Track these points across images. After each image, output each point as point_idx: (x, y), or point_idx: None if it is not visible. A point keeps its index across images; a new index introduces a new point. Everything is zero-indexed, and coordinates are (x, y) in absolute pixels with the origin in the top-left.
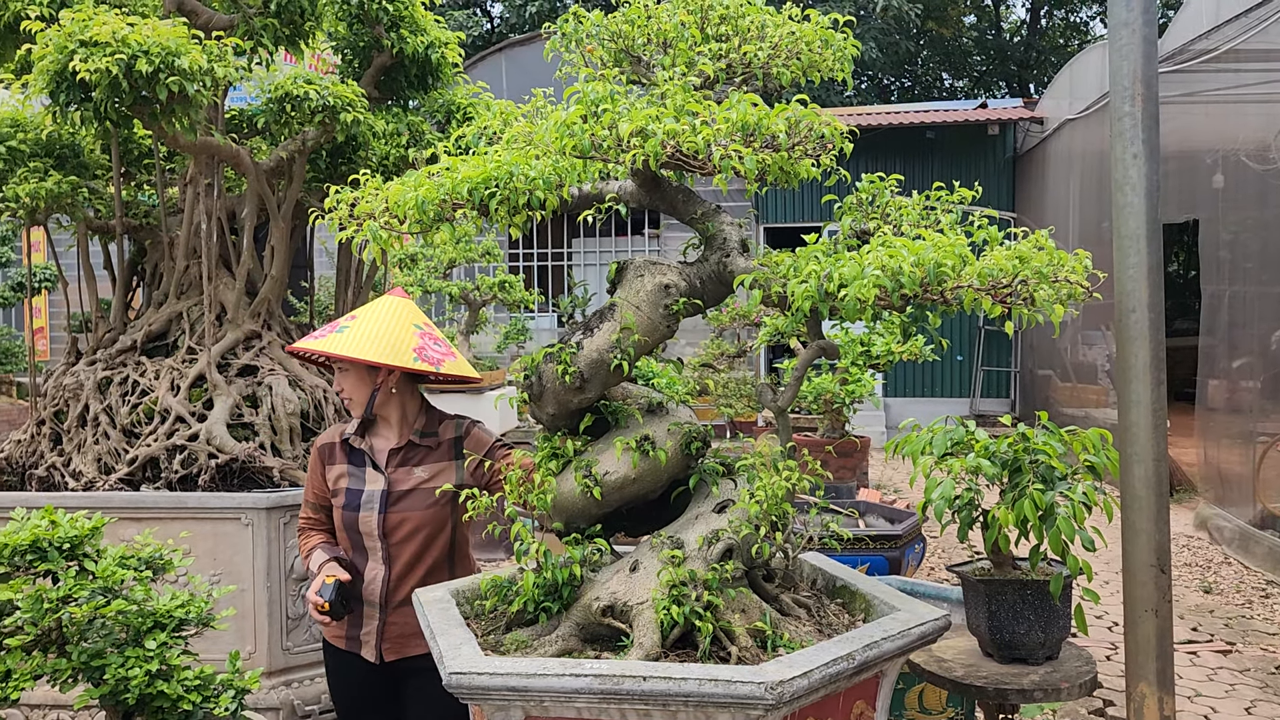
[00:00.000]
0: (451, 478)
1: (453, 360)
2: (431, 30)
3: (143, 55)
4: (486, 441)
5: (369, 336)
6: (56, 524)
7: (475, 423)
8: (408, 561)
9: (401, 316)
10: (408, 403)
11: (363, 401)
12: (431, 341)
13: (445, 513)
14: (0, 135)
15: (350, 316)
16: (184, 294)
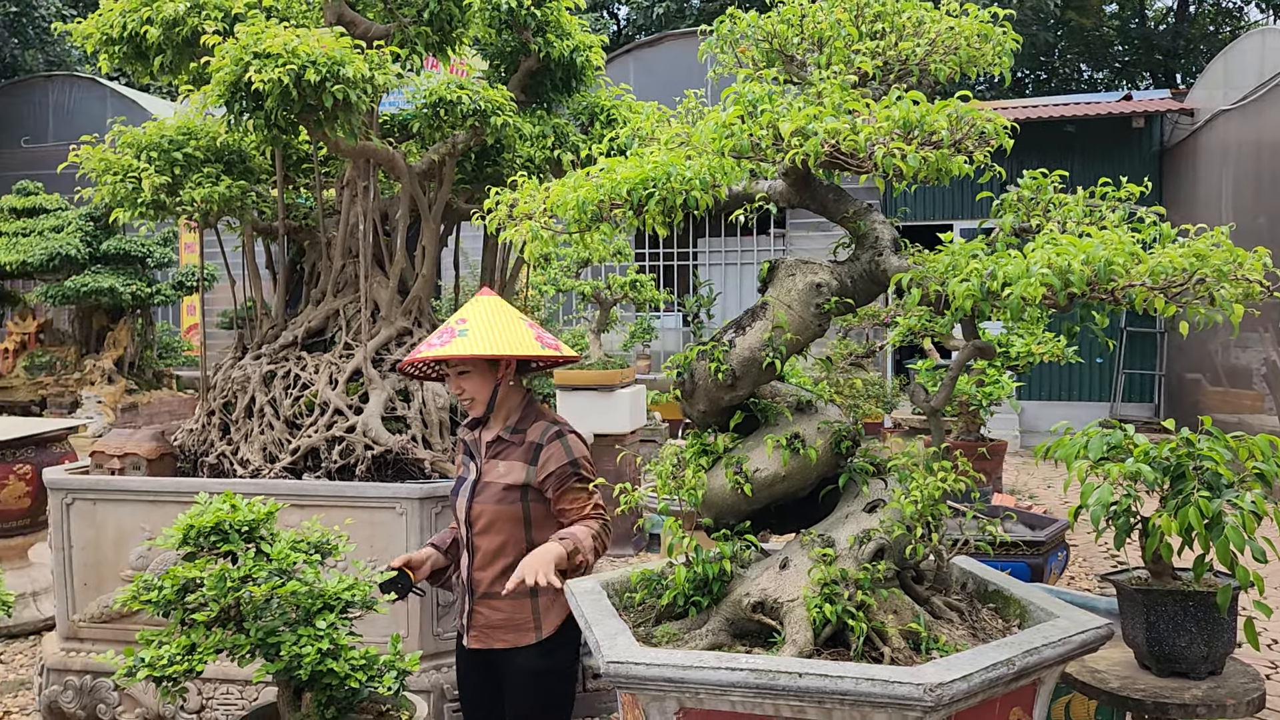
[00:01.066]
0: (518, 480)
1: (559, 345)
2: (576, 34)
3: (311, 65)
4: (560, 461)
5: (493, 334)
6: (236, 508)
7: (560, 434)
8: (486, 553)
9: (507, 311)
10: (515, 397)
11: (486, 399)
12: (540, 330)
13: (517, 511)
14: (176, 143)
15: (460, 320)
16: (340, 292)
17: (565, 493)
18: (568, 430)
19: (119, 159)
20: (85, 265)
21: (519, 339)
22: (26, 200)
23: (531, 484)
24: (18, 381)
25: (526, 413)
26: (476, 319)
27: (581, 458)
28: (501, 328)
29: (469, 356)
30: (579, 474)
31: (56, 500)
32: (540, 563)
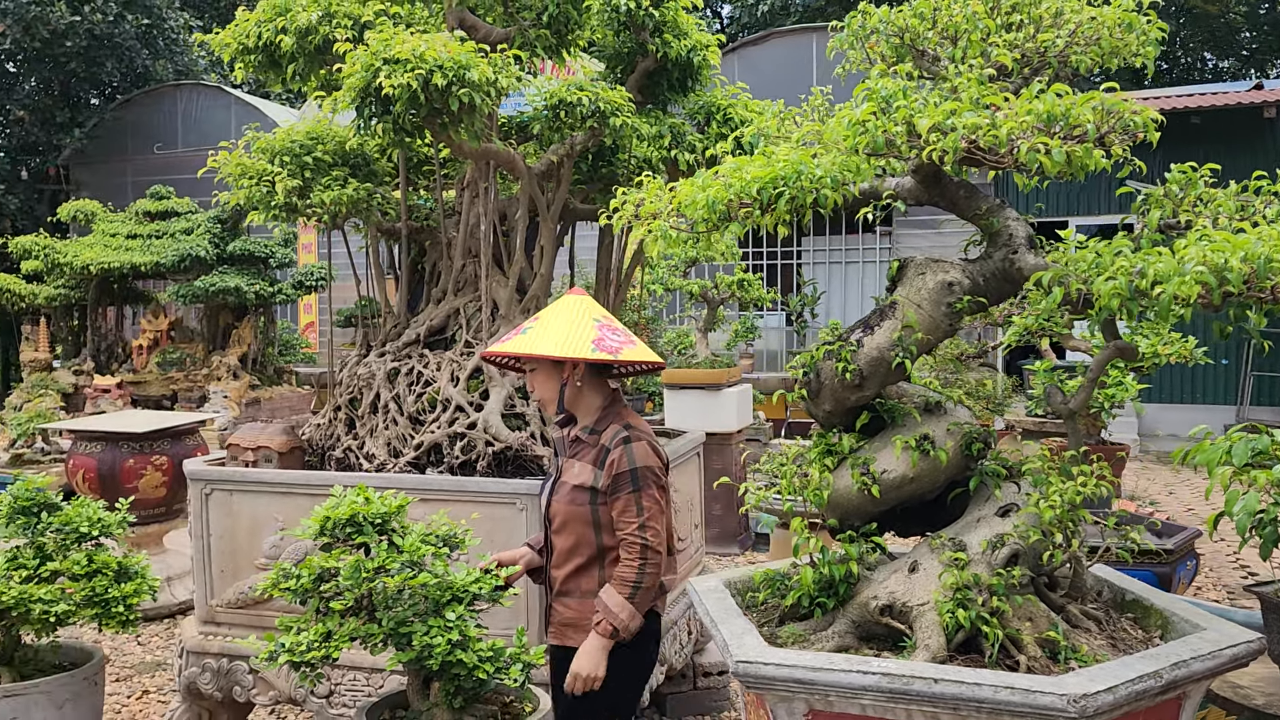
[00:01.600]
0: (587, 482)
1: (632, 348)
2: (693, 34)
3: (437, 70)
4: (620, 467)
5: (550, 334)
6: (370, 501)
7: (627, 440)
8: (561, 552)
9: (580, 312)
10: (593, 397)
11: (553, 398)
12: (610, 332)
13: (586, 513)
14: (306, 147)
15: (534, 318)
16: (460, 291)
17: (617, 501)
18: (637, 437)
19: (254, 163)
20: (213, 266)
21: (572, 341)
22: (159, 204)
23: (599, 487)
24: (150, 376)
25: (605, 414)
26: (545, 319)
27: (644, 468)
28: (562, 329)
29: (516, 355)
30: (635, 485)
31: (196, 490)
32: (586, 668)
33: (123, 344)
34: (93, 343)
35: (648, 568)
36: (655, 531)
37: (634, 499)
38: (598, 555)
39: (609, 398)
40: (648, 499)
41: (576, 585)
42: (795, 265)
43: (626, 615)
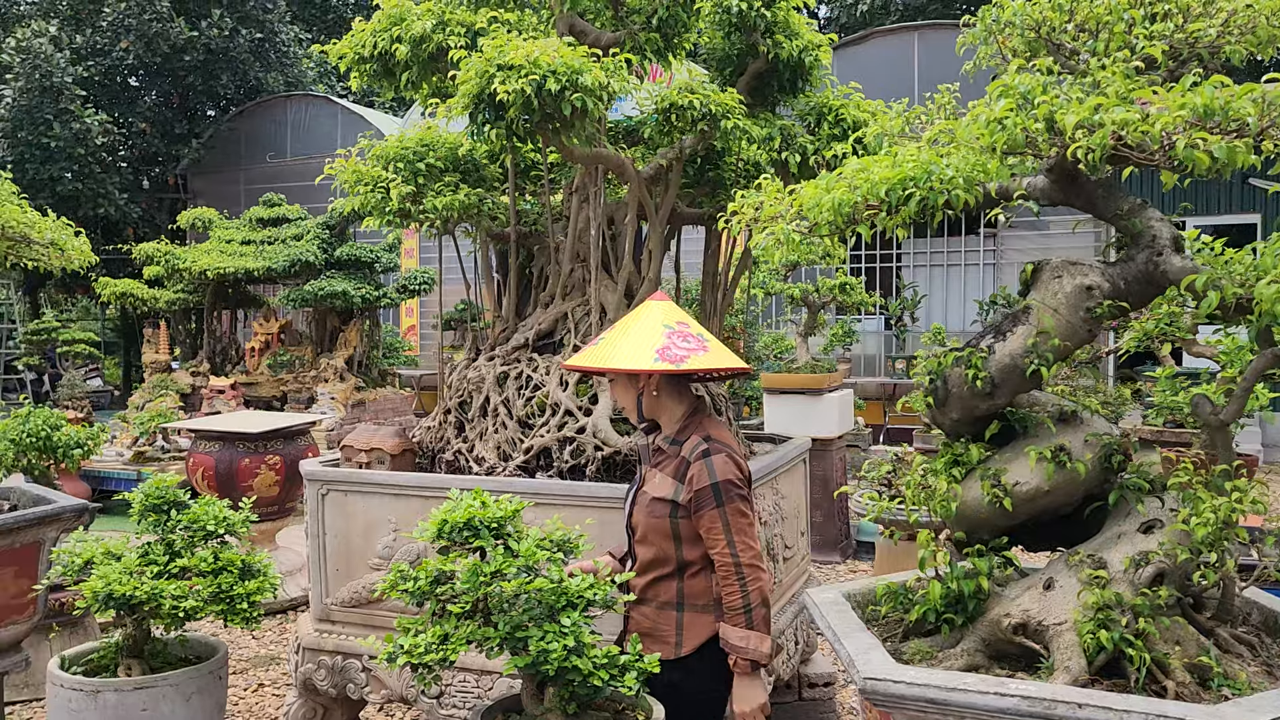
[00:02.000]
0: (667, 494)
1: (702, 354)
2: (805, 34)
3: (551, 75)
4: (701, 482)
5: (619, 346)
6: (486, 505)
7: (707, 453)
8: (642, 562)
9: (652, 319)
10: (674, 406)
11: (633, 407)
12: (679, 340)
13: (666, 526)
14: (418, 154)
15: (611, 328)
16: (568, 295)
17: (701, 517)
18: (717, 449)
19: (369, 170)
20: (321, 270)
21: (636, 353)
22: (271, 211)
23: (679, 500)
24: (262, 378)
25: (687, 424)
26: (618, 328)
27: (725, 481)
28: (630, 340)
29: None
30: (718, 500)
31: (313, 491)
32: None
33: (236, 346)
34: (209, 345)
35: (749, 586)
36: (745, 546)
37: (719, 515)
38: (678, 569)
39: (691, 406)
40: (732, 513)
41: (655, 595)
42: (894, 268)
43: (755, 642)
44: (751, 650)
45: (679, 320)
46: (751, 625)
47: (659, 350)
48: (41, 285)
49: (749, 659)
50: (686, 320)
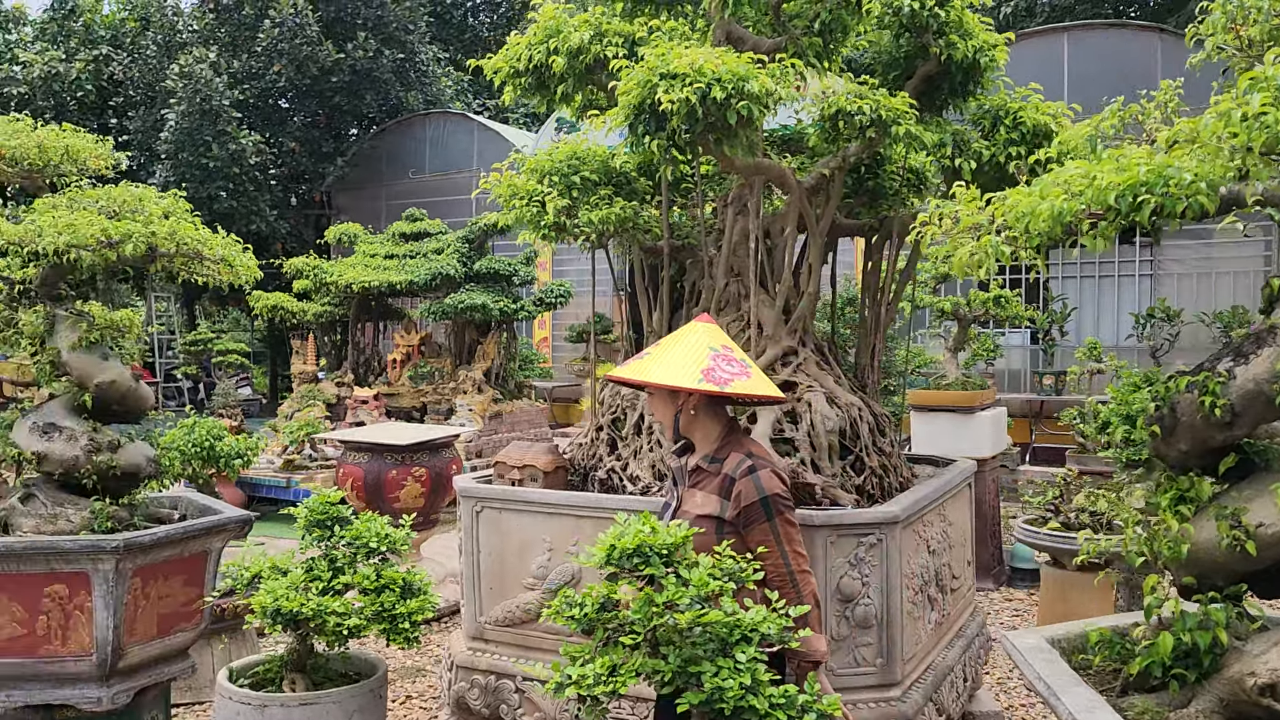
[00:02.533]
0: (713, 511)
1: (744, 380)
2: (980, 34)
3: (716, 83)
4: (750, 497)
5: (662, 362)
6: (656, 531)
7: (753, 469)
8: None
9: (698, 340)
10: (711, 426)
11: (669, 425)
12: (724, 363)
13: (711, 543)
14: (572, 167)
15: (656, 344)
16: (722, 311)
17: (753, 532)
18: (761, 465)
19: (525, 184)
20: (461, 284)
21: (683, 371)
22: (413, 225)
23: (725, 518)
24: (403, 389)
25: (725, 443)
26: (663, 346)
27: (774, 495)
28: (677, 357)
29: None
30: (768, 514)
31: (467, 507)
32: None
33: (379, 358)
34: (353, 356)
35: (804, 591)
36: (796, 555)
37: (770, 528)
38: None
39: (727, 426)
40: (782, 524)
41: None
42: (1042, 279)
43: (814, 642)
44: (812, 650)
45: (724, 344)
46: (807, 626)
47: (704, 371)
48: (197, 298)
49: (811, 659)
50: (731, 345)
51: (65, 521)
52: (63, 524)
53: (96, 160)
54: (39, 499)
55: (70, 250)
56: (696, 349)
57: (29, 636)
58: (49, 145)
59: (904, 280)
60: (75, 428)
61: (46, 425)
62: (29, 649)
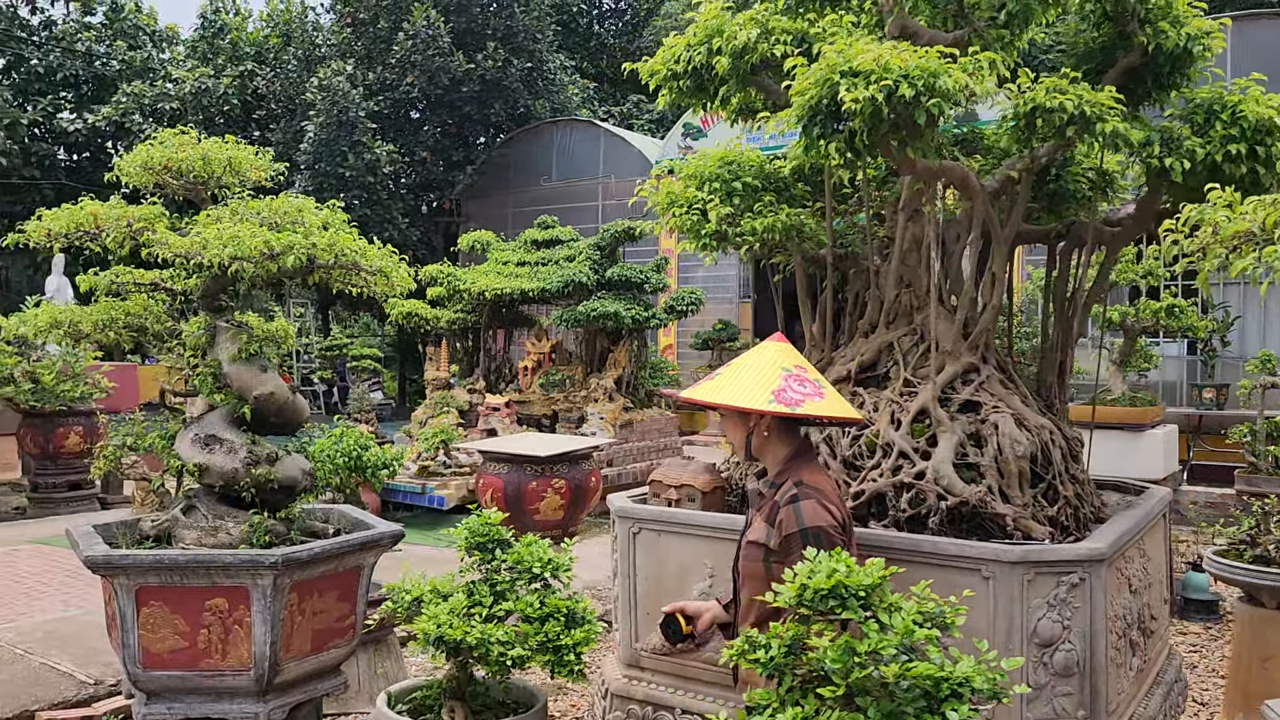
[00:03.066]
0: (760, 538)
1: (817, 401)
2: (1192, 20)
3: (903, 80)
4: (788, 528)
5: (732, 383)
6: (851, 570)
7: (795, 498)
8: (745, 607)
9: (770, 361)
10: (779, 449)
11: (741, 446)
12: (795, 384)
13: (760, 570)
14: (733, 172)
15: (728, 365)
16: (892, 323)
17: (793, 561)
18: (806, 494)
19: (685, 191)
20: (593, 291)
21: (752, 392)
22: (545, 233)
23: (771, 545)
24: (533, 397)
25: (786, 468)
26: (736, 366)
27: (813, 528)
28: (746, 378)
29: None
30: (804, 546)
31: (624, 529)
32: None
33: (509, 365)
34: (484, 363)
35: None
36: None
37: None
38: (773, 613)
39: (795, 449)
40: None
41: None
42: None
43: None
44: None
45: (796, 364)
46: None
47: (775, 392)
48: (331, 304)
49: None
50: (804, 365)
51: (225, 534)
52: (223, 537)
53: (256, 171)
54: (200, 511)
55: (234, 262)
56: (768, 369)
57: (190, 649)
58: (213, 157)
59: (1096, 291)
60: (235, 440)
61: (208, 437)
62: (190, 662)
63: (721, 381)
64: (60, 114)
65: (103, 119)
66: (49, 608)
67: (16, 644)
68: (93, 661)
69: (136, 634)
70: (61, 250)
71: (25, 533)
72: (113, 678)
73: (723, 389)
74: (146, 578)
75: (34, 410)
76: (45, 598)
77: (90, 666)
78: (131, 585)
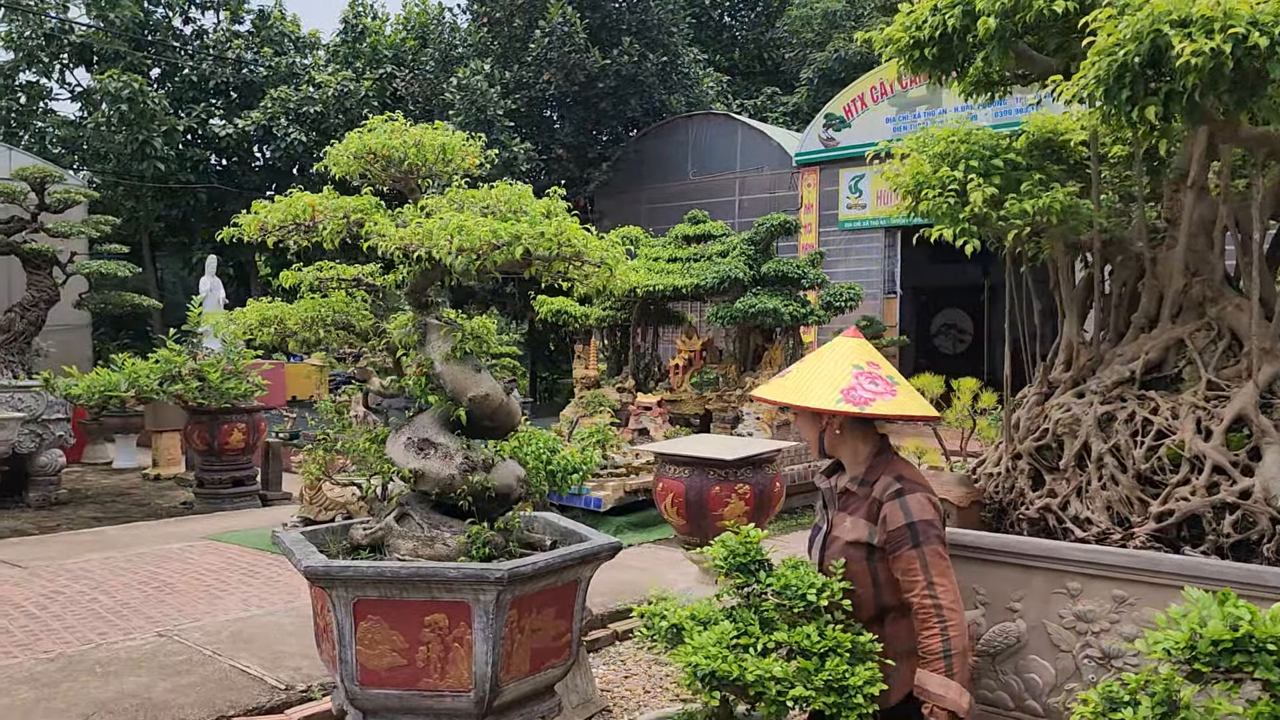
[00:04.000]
0: (862, 537)
1: (888, 399)
2: None
3: (1253, 28)
4: (896, 522)
5: (803, 381)
6: (1253, 616)
7: (900, 493)
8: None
9: (843, 357)
10: (859, 446)
11: (815, 445)
12: (867, 381)
13: (864, 569)
14: (989, 148)
15: (802, 360)
16: (1178, 317)
17: (898, 559)
18: (911, 489)
19: (937, 171)
20: (748, 287)
21: (821, 391)
22: (696, 228)
23: (875, 544)
24: (685, 395)
25: (875, 464)
26: (807, 363)
27: (922, 521)
28: (816, 377)
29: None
30: (915, 541)
31: None
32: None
33: (658, 363)
34: (633, 361)
35: (950, 630)
36: (945, 588)
37: (917, 555)
38: (877, 615)
39: (877, 445)
40: (931, 554)
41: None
42: None
43: (955, 694)
44: (950, 701)
45: (869, 360)
46: (951, 673)
47: (844, 391)
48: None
49: (946, 709)
50: (878, 361)
51: (442, 545)
52: (439, 548)
53: (469, 159)
54: (414, 519)
55: (459, 255)
56: (840, 366)
57: (409, 667)
58: (426, 143)
59: None
60: (450, 445)
61: (421, 441)
62: (409, 680)
63: (793, 379)
64: (211, 120)
65: (251, 123)
66: (230, 607)
67: (205, 645)
68: (280, 665)
69: (354, 649)
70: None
71: (197, 528)
72: (303, 683)
73: (793, 388)
74: (365, 590)
75: (201, 408)
76: (226, 596)
77: (279, 670)
78: (350, 598)
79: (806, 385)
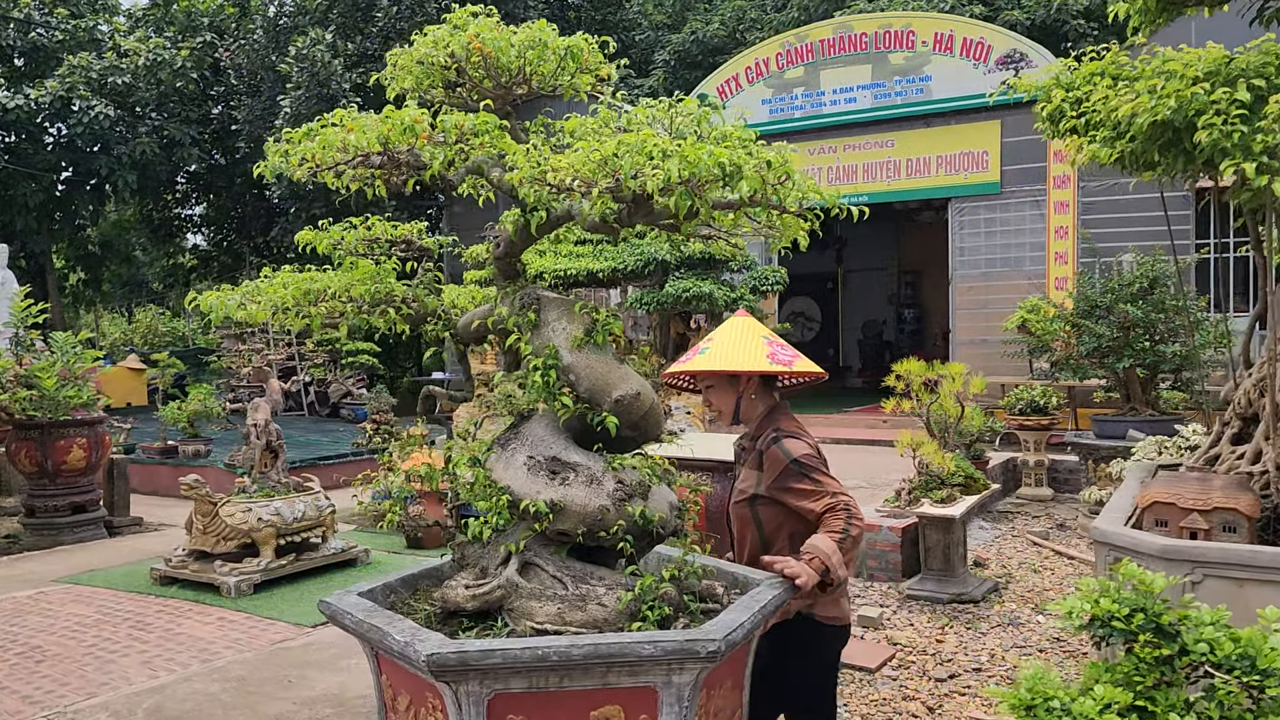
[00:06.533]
0: (750, 486)
1: (801, 360)
2: None
3: None
4: (779, 464)
5: (727, 351)
6: None
7: (776, 439)
8: (739, 553)
9: (750, 331)
10: (760, 408)
11: (730, 410)
12: (779, 348)
13: (748, 515)
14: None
15: (708, 340)
16: None
17: (791, 491)
18: (787, 435)
19: (1219, 92)
20: (671, 270)
21: (749, 357)
22: None
23: (759, 492)
24: None
25: (763, 423)
26: (719, 339)
27: (802, 455)
28: (738, 346)
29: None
30: (802, 470)
31: (1101, 556)
32: (794, 567)
33: None
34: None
35: (854, 521)
36: (843, 492)
37: (809, 480)
38: (763, 551)
39: (770, 406)
40: (820, 476)
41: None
42: None
43: (836, 557)
44: (829, 557)
45: (768, 333)
46: (842, 545)
47: (768, 356)
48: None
49: (825, 564)
50: (772, 334)
51: (597, 606)
52: (594, 609)
53: (601, 69)
54: (545, 571)
55: (664, 193)
56: (752, 338)
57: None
58: (553, 45)
59: None
60: (591, 465)
61: (550, 461)
62: None
63: (713, 354)
64: None
65: (45, 94)
66: (131, 674)
67: None
68: None
69: None
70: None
71: (39, 569)
72: None
73: (723, 356)
74: (509, 683)
75: (29, 420)
76: (119, 658)
77: None
78: (485, 694)
79: (733, 353)
